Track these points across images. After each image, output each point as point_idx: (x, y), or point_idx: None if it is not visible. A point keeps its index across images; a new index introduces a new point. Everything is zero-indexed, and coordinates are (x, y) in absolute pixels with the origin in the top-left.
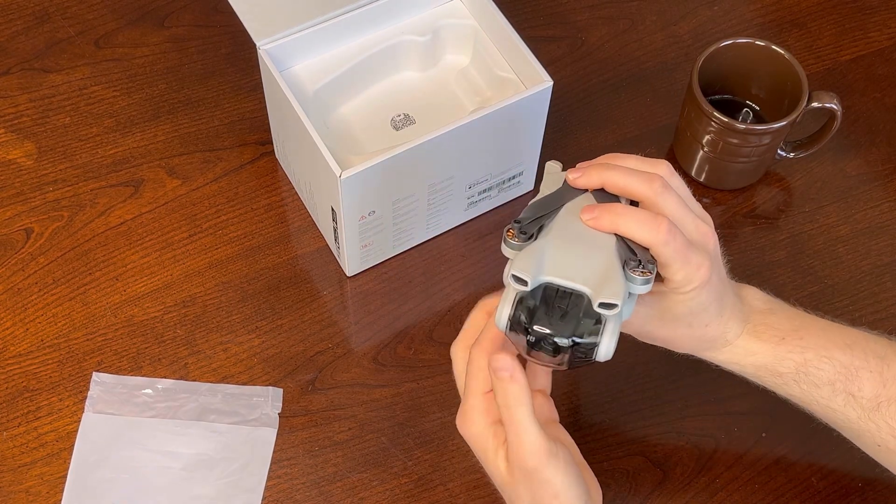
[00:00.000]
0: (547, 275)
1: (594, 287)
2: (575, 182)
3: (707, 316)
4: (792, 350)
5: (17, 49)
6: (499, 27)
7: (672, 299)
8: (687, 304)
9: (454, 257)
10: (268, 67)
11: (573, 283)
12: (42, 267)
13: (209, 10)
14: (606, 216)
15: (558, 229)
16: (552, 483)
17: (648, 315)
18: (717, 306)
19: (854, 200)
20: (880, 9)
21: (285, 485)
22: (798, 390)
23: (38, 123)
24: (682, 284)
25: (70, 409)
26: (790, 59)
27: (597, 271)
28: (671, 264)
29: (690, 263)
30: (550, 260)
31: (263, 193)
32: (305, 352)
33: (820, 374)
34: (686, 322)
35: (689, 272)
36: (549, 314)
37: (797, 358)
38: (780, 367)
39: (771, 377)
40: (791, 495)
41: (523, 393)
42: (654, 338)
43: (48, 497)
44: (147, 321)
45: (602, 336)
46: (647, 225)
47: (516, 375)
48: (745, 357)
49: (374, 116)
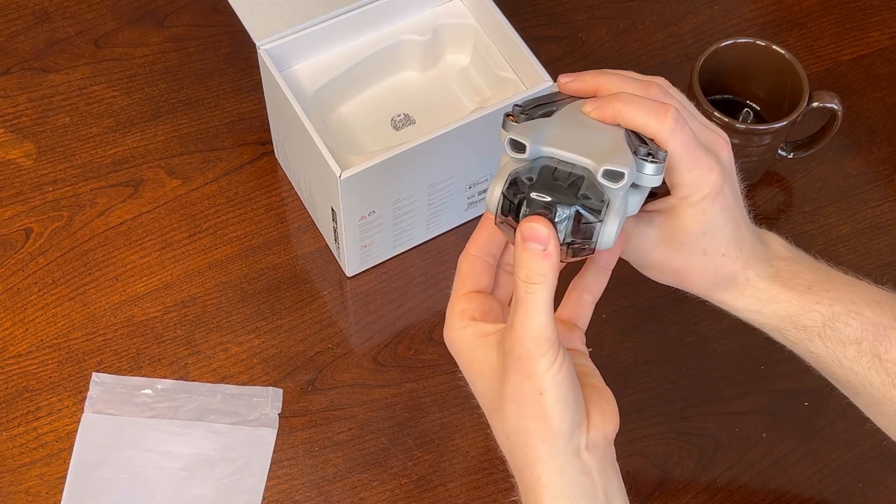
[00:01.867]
0: (547, 145)
1: (599, 161)
2: (566, 87)
3: (723, 239)
4: (819, 301)
5: (17, 49)
6: (499, 27)
7: (682, 214)
8: (699, 220)
9: (454, 257)
10: (268, 67)
11: (576, 155)
12: (42, 267)
13: (209, 10)
14: (610, 104)
15: (560, 116)
16: (541, 378)
17: (657, 238)
18: (732, 229)
19: (854, 200)
20: (880, 8)
21: (285, 485)
22: (822, 347)
23: (37, 123)
24: (692, 190)
25: (70, 410)
26: (790, 59)
27: (602, 149)
28: (679, 163)
29: (701, 164)
30: (551, 134)
31: (263, 193)
32: (305, 352)
33: (847, 330)
34: (700, 247)
35: (700, 175)
36: (548, 186)
37: (825, 311)
38: (805, 318)
39: (794, 330)
40: (791, 495)
41: (551, 273)
42: (664, 269)
43: (48, 497)
44: (147, 321)
45: (606, 214)
46: (652, 112)
47: (550, 251)
48: (768, 304)
49: (374, 116)
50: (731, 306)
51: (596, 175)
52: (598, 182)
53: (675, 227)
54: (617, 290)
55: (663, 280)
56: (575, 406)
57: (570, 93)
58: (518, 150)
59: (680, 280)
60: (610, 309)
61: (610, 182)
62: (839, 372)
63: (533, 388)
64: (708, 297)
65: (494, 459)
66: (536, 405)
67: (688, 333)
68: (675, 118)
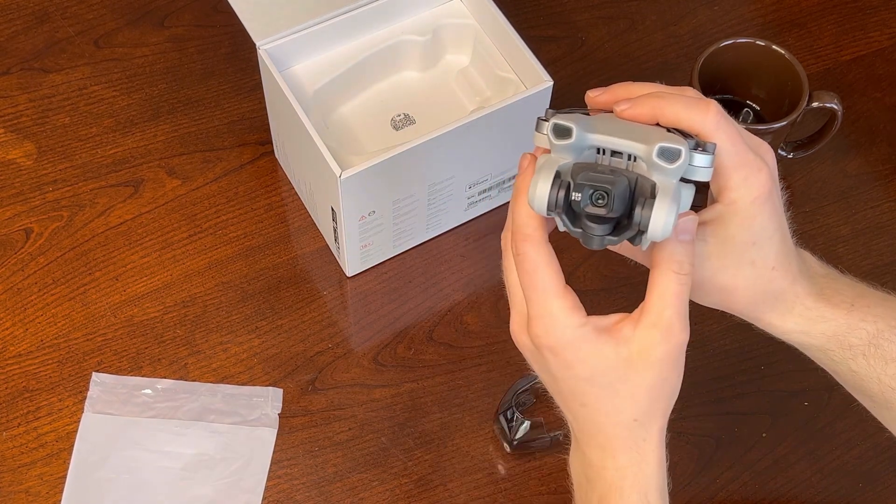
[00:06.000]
0: (593, 132)
1: (650, 144)
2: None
3: (771, 251)
4: (864, 319)
5: (17, 49)
6: (499, 27)
7: (731, 222)
8: (748, 227)
9: (454, 257)
10: (268, 67)
11: (625, 140)
12: (42, 267)
13: (209, 10)
14: (647, 101)
15: (597, 118)
16: None
17: (705, 253)
18: (780, 240)
19: (854, 200)
20: (880, 8)
21: (285, 485)
22: (864, 365)
23: (37, 123)
24: (741, 193)
25: (70, 410)
26: (790, 59)
27: (650, 137)
28: (726, 161)
29: (749, 164)
30: (595, 124)
31: (263, 193)
32: (305, 352)
33: (891, 347)
34: (749, 258)
35: (748, 174)
36: (595, 171)
37: (870, 328)
38: (852, 337)
39: (840, 350)
40: (791, 495)
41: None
42: (711, 288)
43: (48, 497)
44: (147, 321)
45: (658, 199)
46: (694, 106)
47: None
48: (816, 323)
49: (374, 116)
50: (777, 328)
51: (650, 155)
52: (645, 176)
53: (724, 238)
54: (617, 290)
55: (708, 301)
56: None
57: (600, 106)
58: (563, 135)
59: (726, 299)
60: (610, 309)
61: (665, 162)
62: (875, 388)
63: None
64: (754, 318)
65: (495, 459)
66: None
67: None
68: (719, 111)
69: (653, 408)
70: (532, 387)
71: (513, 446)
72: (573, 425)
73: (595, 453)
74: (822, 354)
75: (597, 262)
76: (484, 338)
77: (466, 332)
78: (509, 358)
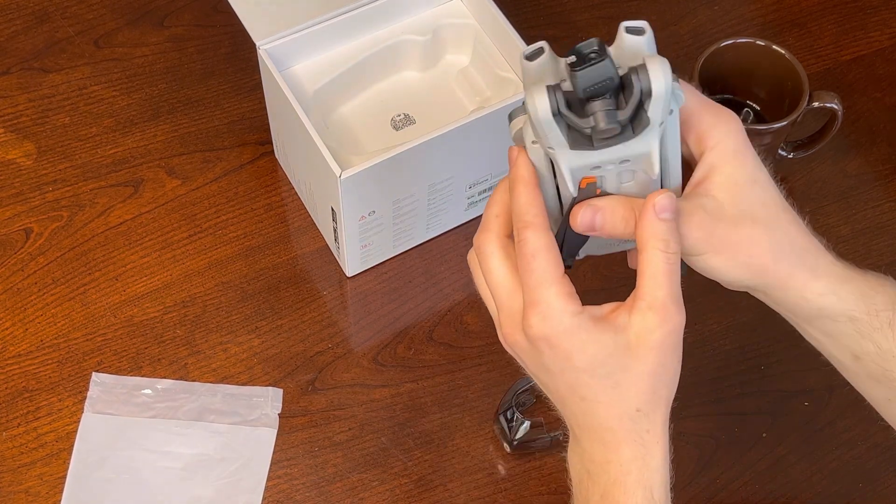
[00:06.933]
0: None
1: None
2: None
3: (774, 193)
4: (881, 282)
5: (17, 49)
6: (499, 27)
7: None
8: (743, 164)
9: (454, 257)
10: (268, 67)
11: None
12: (41, 267)
13: (209, 9)
14: None
15: None
16: None
17: (715, 207)
18: (777, 191)
19: (854, 200)
20: (881, 8)
21: (285, 485)
22: (891, 338)
23: (37, 123)
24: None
25: (69, 410)
26: (790, 59)
27: None
28: (694, 107)
29: (714, 107)
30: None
31: (263, 193)
32: (305, 352)
33: None
34: (758, 199)
35: (717, 113)
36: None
37: (890, 290)
38: (877, 297)
39: (868, 317)
40: (791, 495)
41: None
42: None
43: (48, 497)
44: (147, 321)
45: (647, 59)
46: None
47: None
48: (843, 283)
49: (374, 116)
50: (810, 289)
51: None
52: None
53: (724, 184)
54: (616, 290)
55: (738, 264)
56: None
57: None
58: (535, 55)
59: (754, 254)
60: None
61: (634, 35)
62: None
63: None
64: (783, 281)
65: (495, 459)
66: None
67: (688, 333)
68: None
69: (655, 395)
70: (532, 387)
71: (513, 446)
72: (571, 422)
73: (597, 448)
74: (849, 327)
75: (597, 262)
76: (484, 338)
77: (466, 332)
78: (509, 358)
